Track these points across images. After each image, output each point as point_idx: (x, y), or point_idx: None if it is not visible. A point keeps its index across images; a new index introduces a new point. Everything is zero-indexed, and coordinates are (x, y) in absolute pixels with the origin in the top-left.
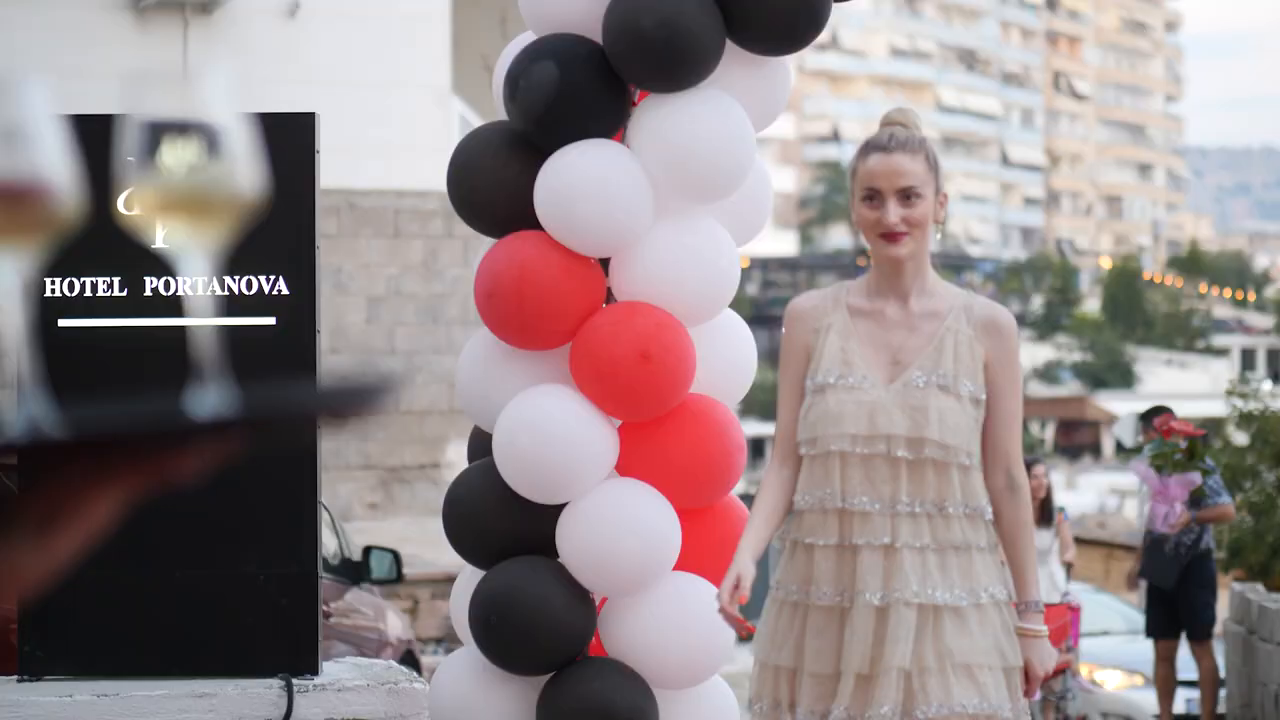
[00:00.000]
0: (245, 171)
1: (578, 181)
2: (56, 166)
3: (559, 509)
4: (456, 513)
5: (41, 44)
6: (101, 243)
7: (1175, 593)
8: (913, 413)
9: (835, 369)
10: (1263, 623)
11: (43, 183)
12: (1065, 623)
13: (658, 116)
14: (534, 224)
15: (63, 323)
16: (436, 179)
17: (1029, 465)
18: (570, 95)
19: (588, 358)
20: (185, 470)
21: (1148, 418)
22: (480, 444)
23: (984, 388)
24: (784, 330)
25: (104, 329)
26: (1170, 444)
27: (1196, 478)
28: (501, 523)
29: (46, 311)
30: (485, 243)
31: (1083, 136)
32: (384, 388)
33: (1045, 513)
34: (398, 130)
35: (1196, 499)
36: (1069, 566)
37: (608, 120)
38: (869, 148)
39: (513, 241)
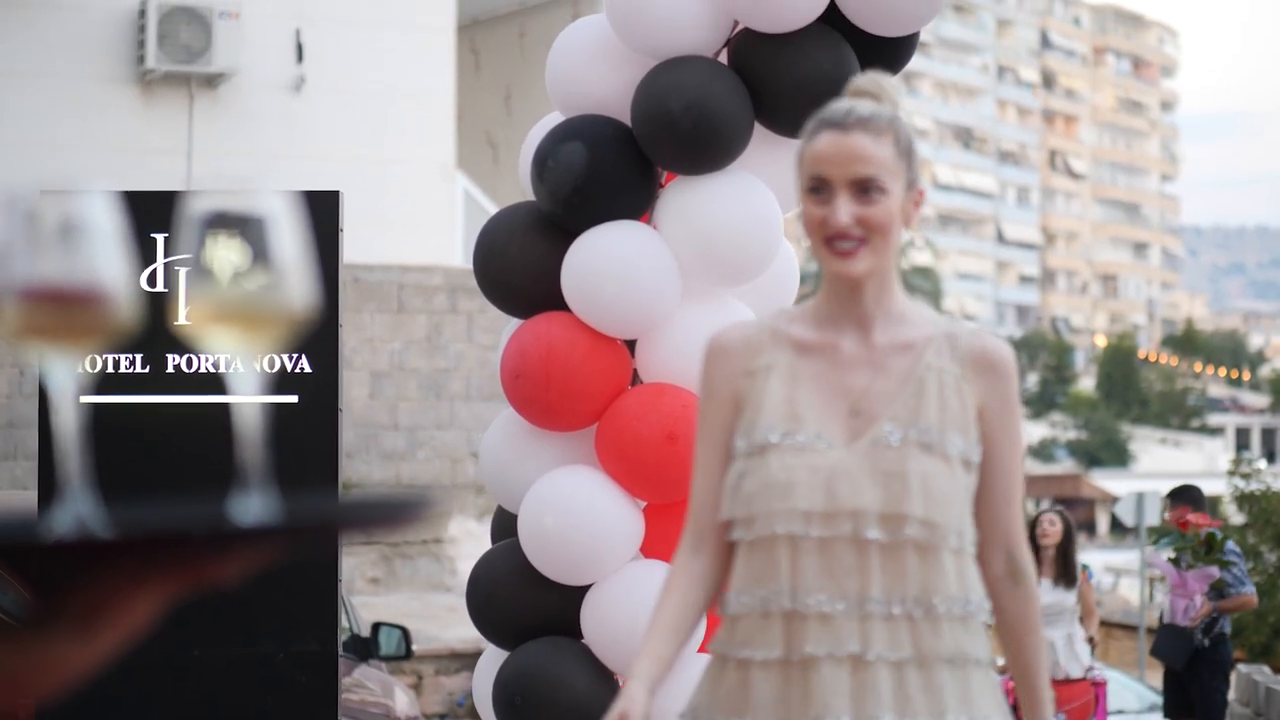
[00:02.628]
0: (298, 286)
1: (605, 263)
2: (112, 272)
3: (584, 590)
4: (480, 593)
5: (47, 115)
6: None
7: (1186, 674)
8: (886, 480)
9: (779, 423)
10: (1271, 705)
11: (99, 288)
12: (1089, 700)
13: (685, 199)
14: (561, 305)
15: (84, 399)
16: (440, 254)
17: (1035, 515)
18: (598, 177)
19: (614, 439)
20: (226, 573)
21: (1175, 497)
22: (504, 524)
23: (978, 445)
24: (702, 373)
25: (125, 405)
26: (1189, 538)
27: (1215, 571)
28: (526, 603)
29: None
30: (491, 318)
31: (1078, 215)
32: (416, 506)
33: (1065, 567)
34: (402, 205)
35: (1219, 590)
36: (1092, 643)
37: (635, 202)
38: (820, 124)
39: (540, 322)
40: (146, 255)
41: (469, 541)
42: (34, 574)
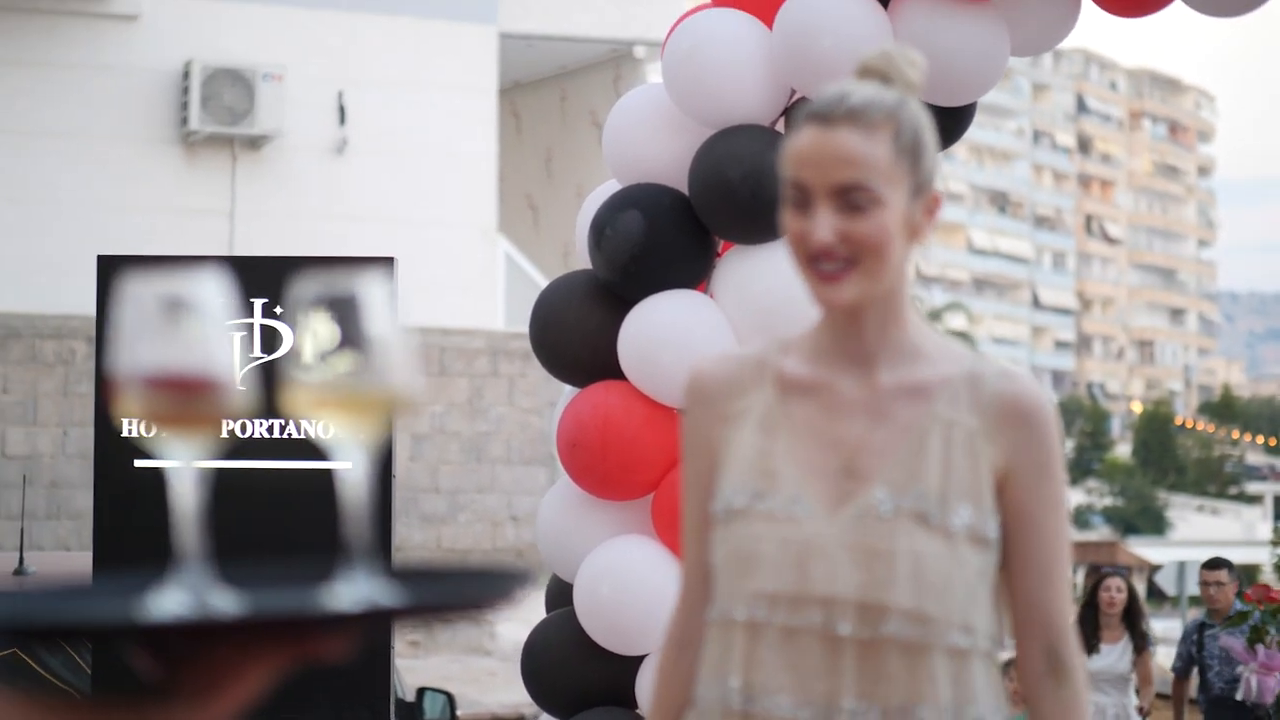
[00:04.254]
0: (403, 373)
1: (661, 332)
2: (227, 359)
3: (639, 659)
4: (535, 661)
5: (91, 176)
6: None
7: None
8: (869, 560)
9: (748, 484)
10: None
11: (214, 376)
12: None
13: (742, 268)
14: (617, 374)
15: (139, 463)
16: (482, 317)
17: (1101, 576)
18: (655, 245)
19: (670, 508)
20: (335, 650)
21: (1214, 567)
22: (559, 593)
23: (994, 516)
24: (684, 414)
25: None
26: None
27: None
28: (581, 672)
29: (123, 452)
30: (532, 382)
31: (1114, 280)
32: (515, 581)
33: (1133, 631)
34: (443, 268)
35: None
36: (1143, 713)
37: (692, 270)
38: (804, 117)
39: (596, 391)
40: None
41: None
42: (155, 648)
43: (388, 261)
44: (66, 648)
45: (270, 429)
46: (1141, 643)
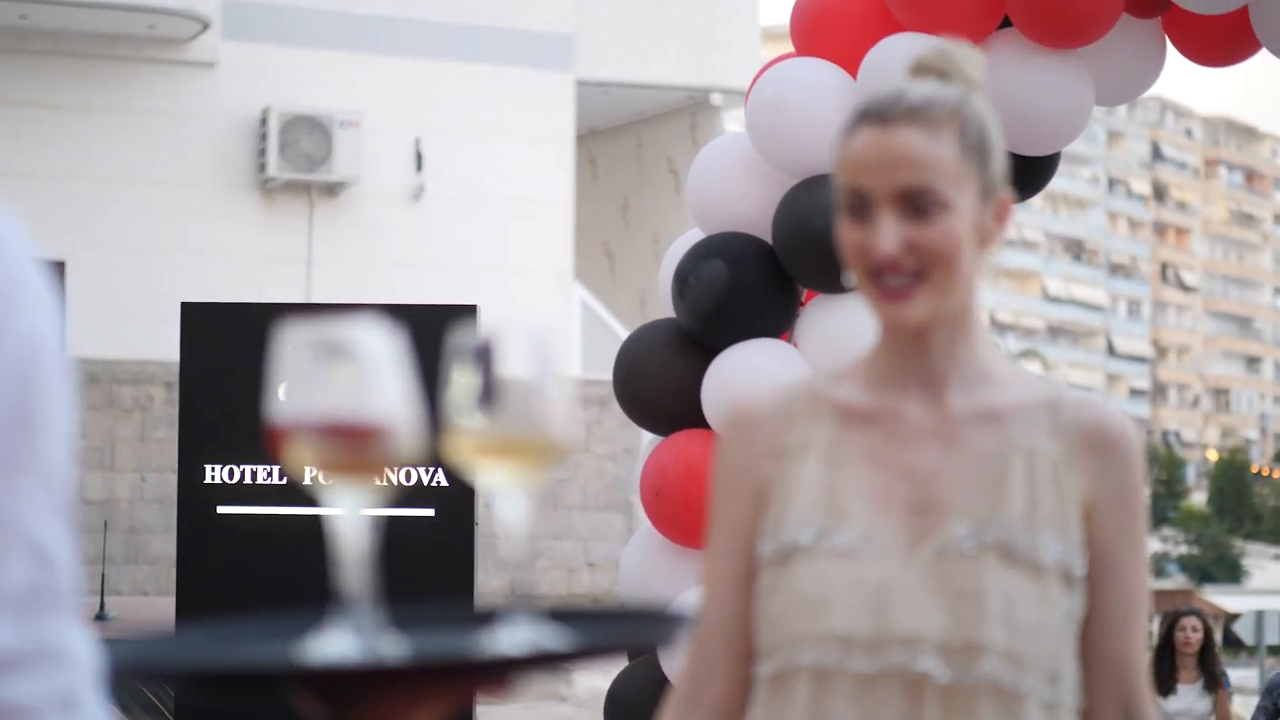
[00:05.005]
0: (562, 419)
1: (745, 380)
2: (395, 406)
3: None
4: (618, 708)
5: (168, 224)
6: (261, 430)
7: None
8: (954, 602)
9: (814, 519)
10: None
11: (384, 423)
12: None
13: (826, 317)
14: (701, 422)
15: (221, 509)
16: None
17: (1176, 616)
18: (738, 294)
19: None
20: (499, 689)
21: None
22: None
23: (1082, 552)
24: (717, 454)
25: (262, 516)
26: None
27: None
28: None
29: (207, 498)
30: (608, 429)
31: (1190, 328)
32: (677, 623)
33: (1208, 671)
34: (519, 315)
35: None
36: None
37: (776, 320)
38: (858, 116)
39: (680, 440)
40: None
41: None
42: (323, 692)
43: (470, 309)
44: (145, 691)
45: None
46: (1216, 682)
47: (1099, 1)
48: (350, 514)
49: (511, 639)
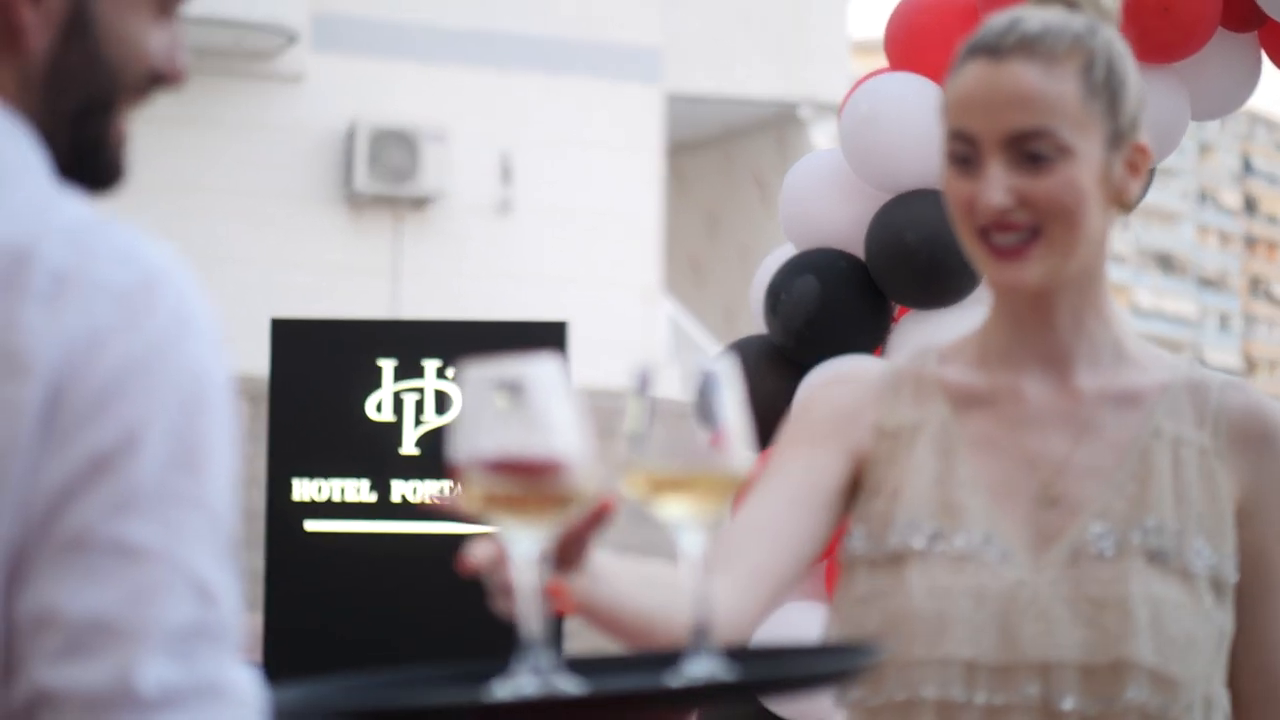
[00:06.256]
0: (741, 451)
1: None
2: (573, 442)
3: None
4: None
5: (255, 237)
6: (350, 445)
7: None
8: (1095, 613)
9: (927, 519)
10: None
11: (560, 459)
12: None
13: (919, 332)
14: None
15: (309, 525)
16: None
17: None
18: (831, 311)
19: None
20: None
21: None
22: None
23: (1234, 558)
24: (811, 397)
25: (350, 533)
26: None
27: None
28: None
29: (294, 514)
30: None
31: None
32: (861, 656)
33: None
34: (607, 328)
35: None
36: None
37: (868, 336)
38: (969, 49)
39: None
40: (372, 382)
41: None
42: None
43: (559, 326)
44: None
45: (441, 491)
46: None
47: (1196, 15)
48: (527, 551)
49: (697, 671)
